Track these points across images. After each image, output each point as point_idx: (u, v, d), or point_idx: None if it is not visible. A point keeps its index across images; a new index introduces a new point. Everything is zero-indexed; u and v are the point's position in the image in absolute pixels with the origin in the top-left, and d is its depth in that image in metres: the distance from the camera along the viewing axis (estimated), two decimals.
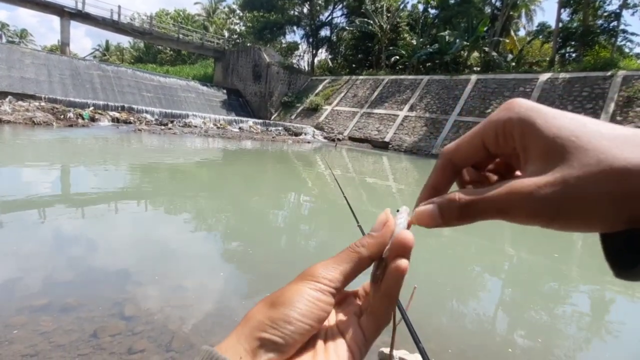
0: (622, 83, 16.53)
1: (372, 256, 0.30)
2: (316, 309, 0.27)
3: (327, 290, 0.28)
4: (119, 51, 53.42)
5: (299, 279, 0.29)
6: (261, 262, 3.72)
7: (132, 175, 7.52)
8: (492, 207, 0.25)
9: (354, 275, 0.29)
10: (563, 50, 27.68)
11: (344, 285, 0.29)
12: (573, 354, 2.70)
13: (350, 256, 0.29)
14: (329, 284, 0.28)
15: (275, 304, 0.27)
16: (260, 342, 0.25)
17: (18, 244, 3.47)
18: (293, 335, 0.26)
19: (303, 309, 0.26)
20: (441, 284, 3.67)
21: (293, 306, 0.26)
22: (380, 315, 0.29)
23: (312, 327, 0.27)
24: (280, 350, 0.25)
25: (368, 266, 0.30)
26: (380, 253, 0.30)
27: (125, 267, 3.22)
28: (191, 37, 32.06)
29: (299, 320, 0.26)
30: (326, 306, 0.28)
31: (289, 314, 0.26)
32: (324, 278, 0.28)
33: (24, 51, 21.82)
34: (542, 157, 0.23)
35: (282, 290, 0.28)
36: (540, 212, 0.23)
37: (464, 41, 23.66)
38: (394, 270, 0.28)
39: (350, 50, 35.26)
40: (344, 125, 25.15)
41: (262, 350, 0.25)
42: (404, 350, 2.07)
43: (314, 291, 0.27)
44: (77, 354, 2.02)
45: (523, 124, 0.24)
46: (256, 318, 0.27)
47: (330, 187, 8.21)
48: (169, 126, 18.89)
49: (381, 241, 0.30)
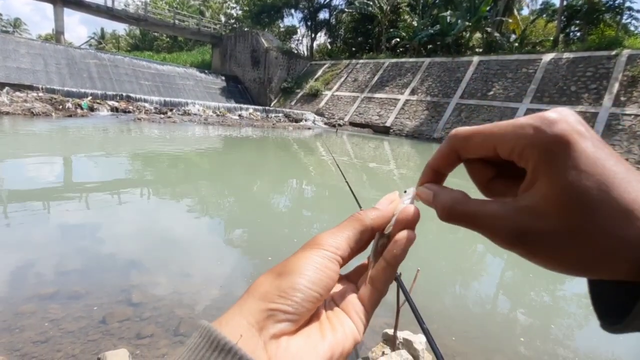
0: (626, 62, 16.22)
1: (375, 227, 0.30)
2: (325, 276, 0.27)
3: (334, 258, 0.28)
4: (115, 39, 52.58)
5: (306, 247, 0.28)
6: (265, 247, 3.76)
7: (135, 165, 7.53)
8: (476, 224, 0.25)
9: (356, 244, 0.29)
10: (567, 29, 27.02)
11: (349, 255, 0.29)
12: (573, 333, 2.75)
13: (353, 223, 0.30)
14: (335, 252, 0.28)
15: (282, 273, 0.26)
16: (268, 314, 0.24)
17: (24, 233, 3.51)
18: (303, 303, 0.25)
19: (312, 276, 0.26)
20: (444, 267, 3.71)
21: (302, 274, 0.26)
22: (380, 286, 0.29)
23: (321, 296, 0.26)
24: (291, 320, 0.25)
25: (369, 238, 0.30)
26: (382, 226, 0.30)
27: (131, 255, 3.26)
28: (187, 22, 31.44)
29: (309, 288, 0.25)
30: (333, 274, 0.27)
31: (298, 281, 0.25)
32: (330, 245, 0.28)
33: (18, 41, 21.48)
34: (555, 200, 0.22)
35: (288, 260, 0.28)
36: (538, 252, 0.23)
37: (466, 21, 23.12)
38: (403, 239, 0.28)
39: (350, 33, 34.57)
40: (344, 110, 24.92)
41: (271, 322, 0.24)
42: (407, 331, 2.11)
43: (322, 258, 0.27)
44: (87, 340, 2.06)
45: (548, 158, 0.22)
46: (262, 289, 0.25)
47: (332, 173, 8.21)
48: (169, 114, 18.76)
49: (385, 214, 0.30)
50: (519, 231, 0.23)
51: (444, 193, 0.28)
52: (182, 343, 2.11)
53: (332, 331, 0.27)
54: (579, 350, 2.47)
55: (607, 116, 15.48)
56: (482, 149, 0.26)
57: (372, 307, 0.29)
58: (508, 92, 19.08)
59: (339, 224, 0.30)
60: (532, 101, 18.04)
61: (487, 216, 0.24)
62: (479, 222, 0.25)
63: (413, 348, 2.00)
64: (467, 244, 4.46)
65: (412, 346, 2.00)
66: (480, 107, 19.52)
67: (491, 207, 0.25)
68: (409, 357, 1.90)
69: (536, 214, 0.22)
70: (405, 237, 0.28)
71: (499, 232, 0.24)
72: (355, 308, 0.29)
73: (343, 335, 0.27)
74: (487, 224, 0.24)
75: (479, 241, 4.36)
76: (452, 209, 0.27)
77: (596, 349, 2.53)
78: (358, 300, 0.29)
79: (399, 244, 0.28)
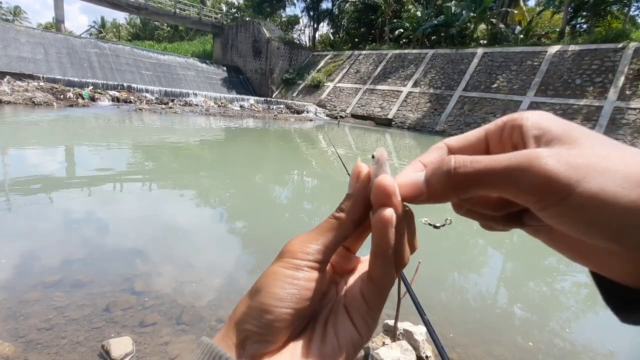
0: (633, 55, 16.00)
1: (356, 218, 0.26)
2: (295, 289, 0.24)
3: (306, 265, 0.25)
4: (115, 28, 52.10)
5: (277, 258, 0.26)
6: (266, 238, 3.78)
7: (138, 155, 7.53)
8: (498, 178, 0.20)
9: (338, 244, 0.26)
10: (574, 21, 26.61)
11: (329, 255, 0.26)
12: (570, 325, 2.77)
13: (330, 223, 0.26)
14: (306, 258, 0.25)
15: (253, 292, 0.25)
16: (244, 335, 0.23)
17: (29, 222, 3.53)
18: (274, 323, 0.23)
19: (279, 293, 0.24)
20: (444, 259, 3.73)
21: (268, 292, 0.24)
22: (378, 279, 0.25)
23: (296, 310, 0.24)
24: (264, 340, 0.23)
25: (355, 229, 0.27)
26: (365, 211, 0.26)
27: (134, 245, 3.28)
28: (188, 11, 31.09)
29: (277, 306, 0.23)
30: (307, 283, 0.25)
31: (264, 302, 0.24)
32: (301, 252, 0.25)
33: (18, 29, 21.31)
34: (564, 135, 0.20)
35: (260, 276, 0.26)
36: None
37: (471, 12, 22.78)
38: (376, 222, 0.24)
39: (353, 23, 34.14)
40: (346, 102, 24.76)
41: (248, 343, 0.23)
42: (408, 322, 2.13)
43: (288, 269, 0.25)
44: (91, 327, 2.09)
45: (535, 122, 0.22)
46: (239, 311, 0.25)
47: (333, 165, 8.20)
48: (170, 105, 18.70)
49: (360, 198, 0.26)
50: None
51: (439, 160, 0.23)
52: (185, 332, 2.14)
53: (322, 344, 0.25)
54: (576, 341, 2.49)
55: (611, 110, 15.34)
56: (472, 137, 0.26)
57: (375, 305, 0.26)
58: (512, 85, 18.90)
59: (317, 225, 0.27)
60: (536, 94, 17.88)
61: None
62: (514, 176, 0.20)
63: (413, 339, 2.02)
64: (468, 237, 4.47)
65: (413, 337, 2.02)
66: (483, 100, 19.37)
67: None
68: (409, 347, 1.93)
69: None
70: (377, 219, 0.24)
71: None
72: (358, 308, 0.26)
73: (333, 350, 0.24)
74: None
75: (479, 234, 4.37)
76: (472, 169, 0.21)
77: (593, 340, 2.55)
78: (361, 297, 0.26)
79: (375, 230, 0.24)
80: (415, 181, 0.24)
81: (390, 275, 0.25)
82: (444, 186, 0.22)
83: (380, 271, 0.25)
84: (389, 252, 0.24)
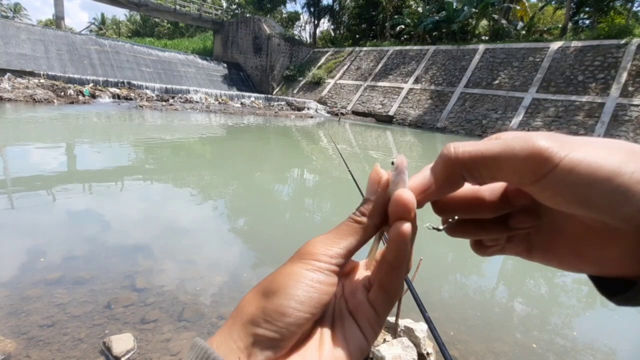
0: (636, 52, 15.90)
1: (377, 223, 0.26)
2: (316, 292, 0.23)
3: (328, 269, 0.24)
4: (115, 24, 51.93)
5: (295, 258, 0.25)
6: (267, 235, 3.78)
7: (139, 152, 7.53)
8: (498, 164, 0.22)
9: (359, 248, 0.26)
10: (577, 16, 26.43)
11: (347, 260, 0.26)
12: (571, 322, 2.77)
13: (352, 227, 0.26)
14: (329, 261, 0.24)
15: (268, 292, 0.24)
16: (255, 339, 0.22)
17: (30, 219, 3.54)
18: (291, 327, 0.23)
19: (301, 296, 0.23)
20: (445, 256, 3.73)
21: (288, 294, 0.23)
22: (390, 289, 0.25)
23: (313, 315, 0.24)
24: (277, 346, 0.22)
25: (374, 234, 0.27)
26: (385, 217, 0.26)
27: (135, 242, 3.28)
28: (188, 7, 30.96)
29: (297, 310, 0.23)
30: (328, 287, 0.24)
31: (284, 304, 0.23)
32: (323, 255, 0.25)
33: (18, 26, 21.25)
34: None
35: (275, 274, 0.25)
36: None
37: (473, 8, 22.64)
38: (396, 237, 0.24)
39: (354, 19, 33.96)
40: (347, 99, 24.70)
41: (257, 349, 0.22)
42: (409, 319, 2.13)
43: (313, 272, 0.24)
44: (92, 324, 2.10)
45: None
46: (248, 310, 0.23)
47: (335, 162, 8.19)
48: (170, 102, 18.67)
49: (381, 202, 0.26)
50: None
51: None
52: (186, 328, 2.15)
53: (333, 349, 0.24)
54: (576, 338, 2.49)
55: (614, 107, 15.27)
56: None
57: (384, 313, 0.26)
58: (514, 81, 18.81)
59: (336, 227, 0.27)
60: (538, 91, 17.79)
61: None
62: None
63: (414, 336, 2.02)
64: None
65: (413, 334, 2.03)
66: (485, 97, 19.29)
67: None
68: (410, 344, 1.93)
69: None
70: (397, 233, 0.24)
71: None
72: (366, 314, 0.26)
73: (343, 356, 0.24)
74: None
75: None
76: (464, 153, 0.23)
77: (594, 337, 2.55)
78: (369, 304, 0.26)
79: (394, 243, 0.24)
80: (423, 176, 0.25)
81: (401, 285, 0.26)
82: (448, 168, 0.23)
83: (395, 283, 0.25)
84: (405, 264, 0.25)
